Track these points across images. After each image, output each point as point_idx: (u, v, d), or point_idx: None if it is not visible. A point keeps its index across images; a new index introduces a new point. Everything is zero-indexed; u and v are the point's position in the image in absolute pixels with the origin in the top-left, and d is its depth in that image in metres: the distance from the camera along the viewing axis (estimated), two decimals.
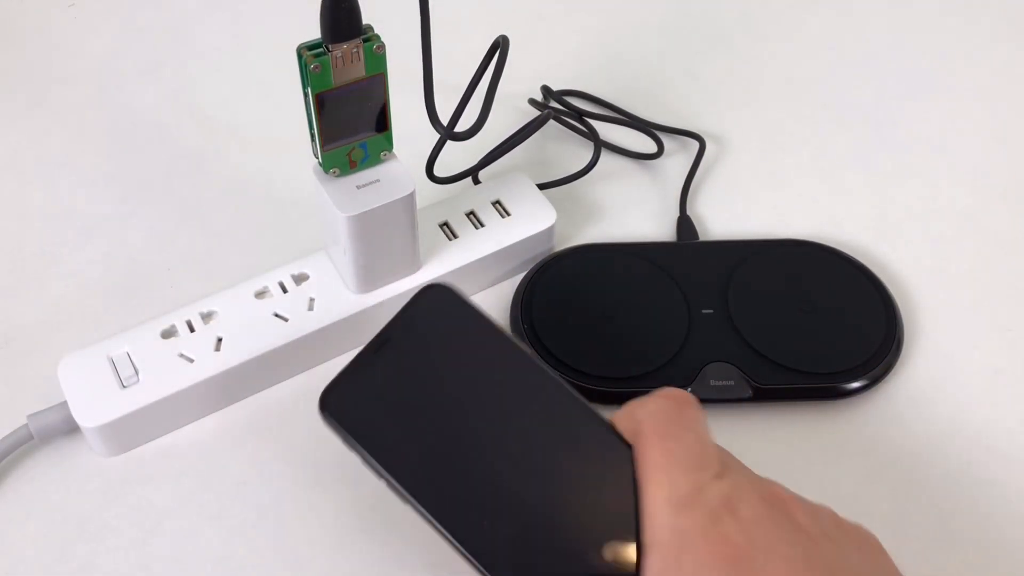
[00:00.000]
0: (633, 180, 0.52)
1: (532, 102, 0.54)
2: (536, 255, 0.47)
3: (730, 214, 0.50)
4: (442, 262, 0.45)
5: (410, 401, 0.31)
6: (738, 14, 0.61)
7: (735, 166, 0.53)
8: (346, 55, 0.36)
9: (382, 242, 0.41)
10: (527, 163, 0.52)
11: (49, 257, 0.48)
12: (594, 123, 0.53)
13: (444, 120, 0.42)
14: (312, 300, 0.43)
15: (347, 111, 0.38)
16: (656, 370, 0.42)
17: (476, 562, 0.29)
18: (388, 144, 0.40)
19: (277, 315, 0.42)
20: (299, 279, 0.44)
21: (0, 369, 0.44)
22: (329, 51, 0.36)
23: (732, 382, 0.42)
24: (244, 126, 0.54)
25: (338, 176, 0.40)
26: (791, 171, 0.52)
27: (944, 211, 0.51)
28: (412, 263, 0.44)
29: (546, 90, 0.55)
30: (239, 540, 0.39)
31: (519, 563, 0.29)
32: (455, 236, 0.46)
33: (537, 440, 0.31)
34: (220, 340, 0.42)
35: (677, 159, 0.53)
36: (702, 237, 0.49)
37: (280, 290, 0.43)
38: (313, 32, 0.36)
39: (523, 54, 0.49)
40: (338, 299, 0.43)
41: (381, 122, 0.39)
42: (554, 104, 0.54)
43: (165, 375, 0.40)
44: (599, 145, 0.50)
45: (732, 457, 0.31)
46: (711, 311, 0.44)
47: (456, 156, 0.49)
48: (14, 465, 0.41)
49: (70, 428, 0.40)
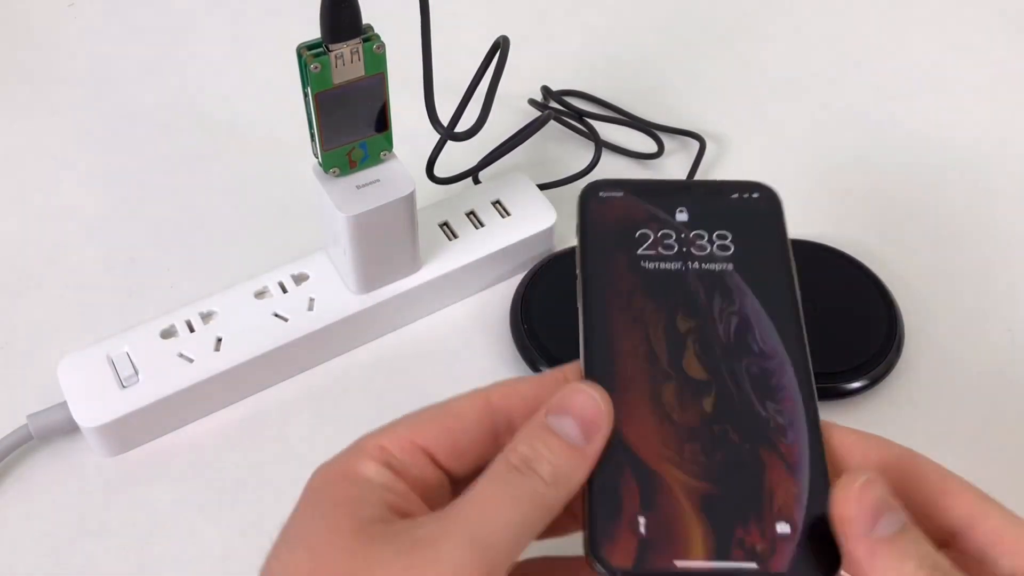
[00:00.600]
0: None
1: (532, 102, 0.54)
2: (536, 255, 0.47)
3: None
4: (442, 262, 0.44)
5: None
6: (738, 14, 0.61)
7: (735, 166, 0.53)
8: (346, 55, 0.36)
9: (382, 242, 0.41)
10: (527, 163, 0.52)
11: (49, 257, 0.48)
12: (594, 123, 0.53)
13: (444, 120, 0.42)
14: (312, 300, 0.43)
15: (347, 111, 0.38)
16: None
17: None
18: (388, 144, 0.40)
19: (277, 315, 0.42)
20: (299, 279, 0.44)
21: (0, 369, 0.44)
22: (329, 51, 0.36)
23: None
24: (244, 126, 0.54)
25: (338, 176, 0.40)
26: (791, 171, 0.52)
27: (944, 210, 0.51)
28: (412, 263, 0.44)
29: (546, 90, 0.55)
30: (239, 540, 0.39)
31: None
32: (455, 236, 0.46)
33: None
34: (220, 340, 0.42)
35: (677, 159, 0.53)
36: None
37: (280, 290, 0.43)
38: (313, 32, 0.36)
39: (523, 54, 0.49)
40: (338, 299, 0.43)
41: (381, 122, 0.39)
42: (554, 104, 0.54)
43: (165, 375, 0.40)
44: (600, 146, 0.50)
45: None
46: None
47: (456, 156, 0.49)
48: (14, 465, 0.41)
49: (70, 428, 0.40)
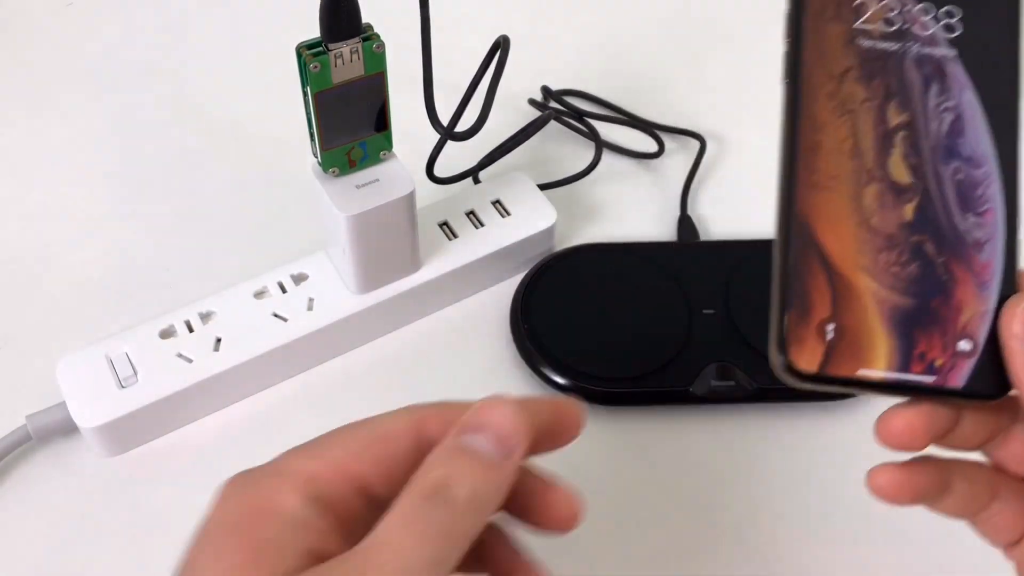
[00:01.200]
0: (633, 180, 0.52)
1: (532, 102, 0.54)
2: (536, 255, 0.47)
3: (731, 214, 0.50)
4: (442, 262, 0.44)
5: None
6: (738, 14, 0.61)
7: (736, 166, 0.52)
8: (345, 54, 0.36)
9: (382, 242, 0.41)
10: (527, 163, 0.52)
11: (48, 257, 0.48)
12: (594, 123, 0.53)
13: (443, 120, 0.42)
14: (311, 300, 0.43)
15: (347, 110, 0.38)
16: (656, 370, 0.42)
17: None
18: (388, 143, 0.40)
19: (276, 315, 0.42)
20: (298, 279, 0.44)
21: None
22: (328, 50, 0.36)
23: (732, 382, 0.42)
24: (244, 126, 0.54)
25: (338, 176, 0.40)
26: None
27: None
28: (412, 263, 0.44)
29: (546, 90, 0.55)
30: None
31: None
32: (455, 236, 0.45)
33: None
34: (219, 340, 0.42)
35: (678, 159, 0.53)
36: (702, 237, 0.48)
37: (279, 290, 0.43)
38: (313, 31, 0.36)
39: (523, 54, 0.49)
40: (338, 299, 0.43)
41: (381, 121, 0.39)
42: (554, 104, 0.54)
43: (164, 375, 0.40)
44: (600, 146, 0.50)
45: None
46: (711, 311, 0.44)
47: (456, 156, 0.49)
48: (13, 465, 0.41)
49: (69, 428, 0.40)
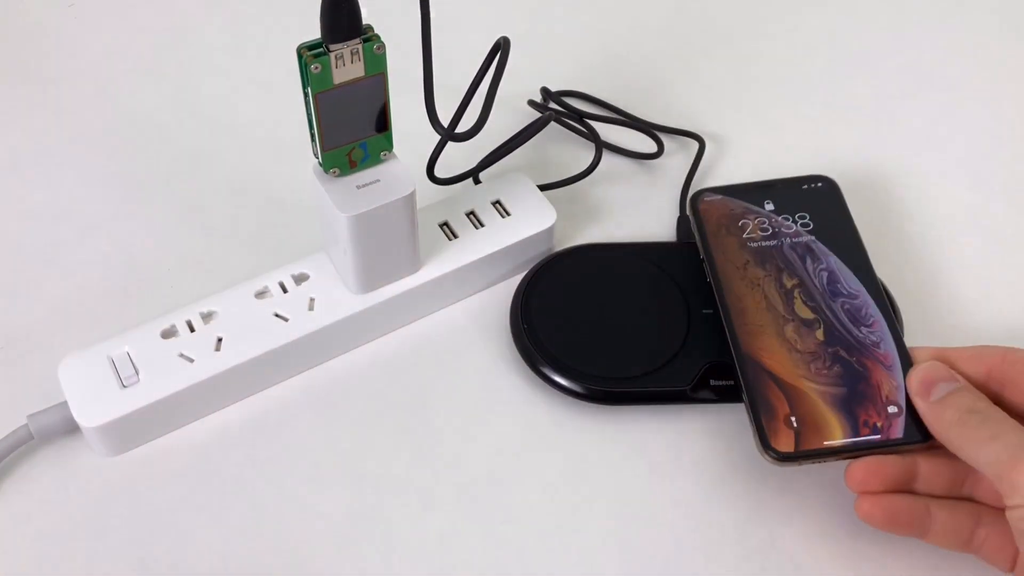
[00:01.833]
0: (633, 180, 0.52)
1: (532, 103, 0.54)
2: (536, 255, 0.47)
3: None
4: (442, 262, 0.44)
5: None
6: (738, 14, 0.61)
7: (735, 166, 0.53)
8: (346, 55, 0.36)
9: (382, 242, 0.41)
10: (527, 164, 0.52)
11: (49, 257, 0.48)
12: (593, 123, 0.53)
13: (443, 121, 0.42)
14: (312, 300, 0.43)
15: (347, 111, 0.38)
16: (656, 370, 0.42)
17: None
18: (388, 144, 0.40)
19: (277, 315, 0.42)
20: (299, 279, 0.44)
21: (0, 369, 0.44)
22: (329, 51, 0.36)
23: (732, 382, 0.42)
24: (244, 126, 0.54)
25: (338, 176, 0.40)
26: (791, 171, 0.52)
27: (944, 210, 0.51)
28: (412, 263, 0.44)
29: (545, 92, 0.55)
30: (239, 540, 0.39)
31: None
32: (455, 236, 0.46)
33: None
34: (220, 340, 0.42)
35: (677, 159, 0.53)
36: None
37: (280, 290, 0.43)
38: (313, 32, 0.36)
39: (523, 55, 0.49)
40: (338, 299, 0.43)
41: (381, 122, 0.39)
42: (554, 105, 0.54)
43: (165, 375, 0.40)
44: (600, 147, 0.50)
45: None
46: (711, 311, 0.44)
47: (456, 157, 0.49)
48: (14, 465, 0.41)
49: (70, 428, 0.40)
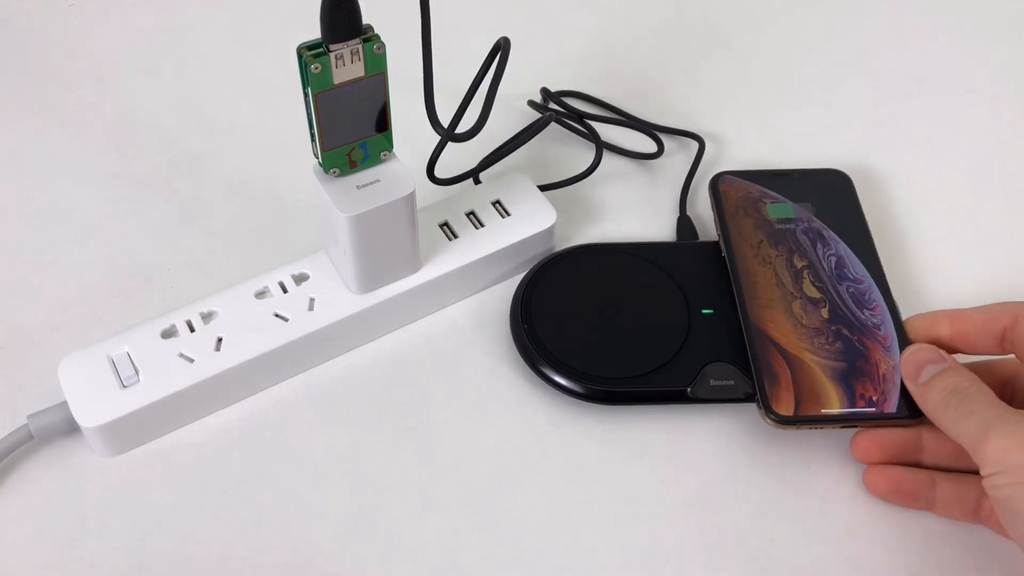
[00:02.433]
0: (633, 180, 0.52)
1: (532, 104, 0.54)
2: (536, 255, 0.47)
3: None
4: (442, 262, 0.45)
5: None
6: (737, 14, 0.61)
7: (734, 166, 0.53)
8: (346, 55, 0.36)
9: (382, 242, 0.41)
10: (527, 164, 0.52)
11: (49, 257, 0.48)
12: (593, 124, 0.53)
13: (444, 121, 0.42)
14: (312, 300, 0.43)
15: (347, 111, 0.38)
16: (656, 370, 0.42)
17: None
18: (388, 144, 0.40)
19: (277, 315, 0.42)
20: (299, 279, 0.44)
21: (0, 369, 0.44)
22: (329, 51, 0.36)
23: (732, 382, 0.42)
24: (244, 126, 0.54)
25: (338, 176, 0.40)
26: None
27: (944, 210, 0.51)
28: (412, 263, 0.44)
29: (545, 92, 0.55)
30: (239, 540, 0.39)
31: None
32: (455, 236, 0.46)
33: None
34: (220, 340, 0.42)
35: (677, 159, 0.53)
36: (702, 237, 0.49)
37: (280, 290, 0.43)
38: (313, 32, 0.36)
39: (523, 55, 0.49)
40: (338, 299, 0.43)
41: (381, 122, 0.39)
42: (553, 106, 0.54)
43: (165, 375, 0.40)
44: (600, 147, 0.50)
45: None
46: (711, 311, 0.44)
47: (457, 157, 0.49)
48: (14, 465, 0.41)
49: (70, 428, 0.40)
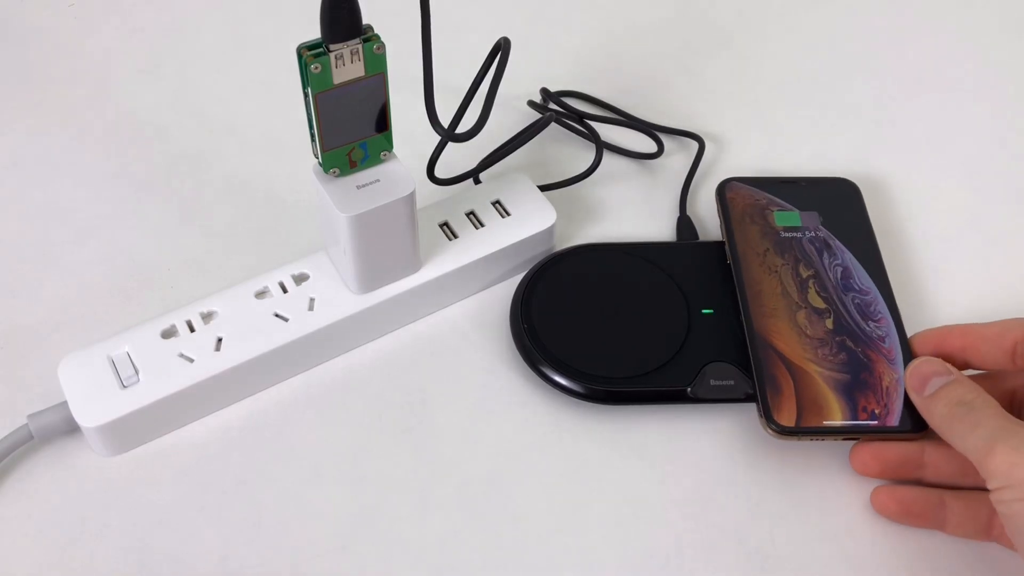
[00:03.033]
0: (633, 180, 0.52)
1: (532, 104, 0.54)
2: (536, 255, 0.47)
3: None
4: (442, 262, 0.45)
5: None
6: (737, 14, 0.61)
7: (735, 166, 0.53)
8: (346, 55, 0.36)
9: (382, 242, 0.41)
10: (527, 164, 0.52)
11: (49, 257, 0.48)
12: (593, 124, 0.53)
13: (444, 121, 0.42)
14: (312, 300, 0.43)
15: (347, 111, 0.38)
16: (656, 370, 0.42)
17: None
18: (388, 144, 0.40)
19: (277, 315, 0.42)
20: (299, 279, 0.44)
21: (0, 369, 0.44)
22: (329, 51, 0.36)
23: (732, 382, 0.42)
24: (244, 126, 0.54)
25: (338, 176, 0.40)
26: (791, 172, 0.52)
27: (944, 210, 0.51)
28: (412, 263, 0.44)
29: (545, 92, 0.55)
30: (239, 540, 0.39)
31: None
32: (455, 236, 0.46)
33: None
34: (220, 340, 0.42)
35: (677, 159, 0.53)
36: (702, 237, 0.49)
37: (280, 290, 0.43)
38: (313, 32, 0.36)
39: (523, 55, 0.49)
40: (338, 299, 0.43)
41: (381, 122, 0.39)
42: (553, 106, 0.54)
43: (165, 375, 0.40)
44: (601, 148, 0.50)
45: None
46: (711, 311, 0.44)
47: (456, 157, 0.49)
48: (14, 465, 0.41)
49: (70, 428, 0.40)
